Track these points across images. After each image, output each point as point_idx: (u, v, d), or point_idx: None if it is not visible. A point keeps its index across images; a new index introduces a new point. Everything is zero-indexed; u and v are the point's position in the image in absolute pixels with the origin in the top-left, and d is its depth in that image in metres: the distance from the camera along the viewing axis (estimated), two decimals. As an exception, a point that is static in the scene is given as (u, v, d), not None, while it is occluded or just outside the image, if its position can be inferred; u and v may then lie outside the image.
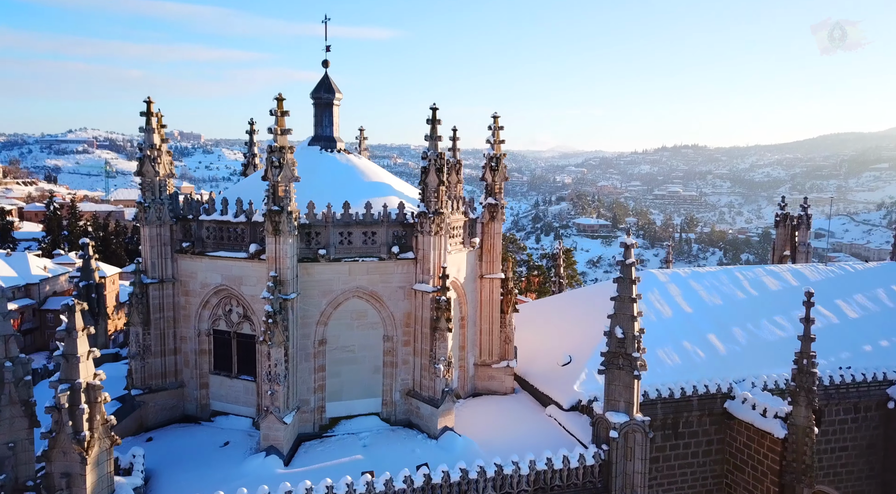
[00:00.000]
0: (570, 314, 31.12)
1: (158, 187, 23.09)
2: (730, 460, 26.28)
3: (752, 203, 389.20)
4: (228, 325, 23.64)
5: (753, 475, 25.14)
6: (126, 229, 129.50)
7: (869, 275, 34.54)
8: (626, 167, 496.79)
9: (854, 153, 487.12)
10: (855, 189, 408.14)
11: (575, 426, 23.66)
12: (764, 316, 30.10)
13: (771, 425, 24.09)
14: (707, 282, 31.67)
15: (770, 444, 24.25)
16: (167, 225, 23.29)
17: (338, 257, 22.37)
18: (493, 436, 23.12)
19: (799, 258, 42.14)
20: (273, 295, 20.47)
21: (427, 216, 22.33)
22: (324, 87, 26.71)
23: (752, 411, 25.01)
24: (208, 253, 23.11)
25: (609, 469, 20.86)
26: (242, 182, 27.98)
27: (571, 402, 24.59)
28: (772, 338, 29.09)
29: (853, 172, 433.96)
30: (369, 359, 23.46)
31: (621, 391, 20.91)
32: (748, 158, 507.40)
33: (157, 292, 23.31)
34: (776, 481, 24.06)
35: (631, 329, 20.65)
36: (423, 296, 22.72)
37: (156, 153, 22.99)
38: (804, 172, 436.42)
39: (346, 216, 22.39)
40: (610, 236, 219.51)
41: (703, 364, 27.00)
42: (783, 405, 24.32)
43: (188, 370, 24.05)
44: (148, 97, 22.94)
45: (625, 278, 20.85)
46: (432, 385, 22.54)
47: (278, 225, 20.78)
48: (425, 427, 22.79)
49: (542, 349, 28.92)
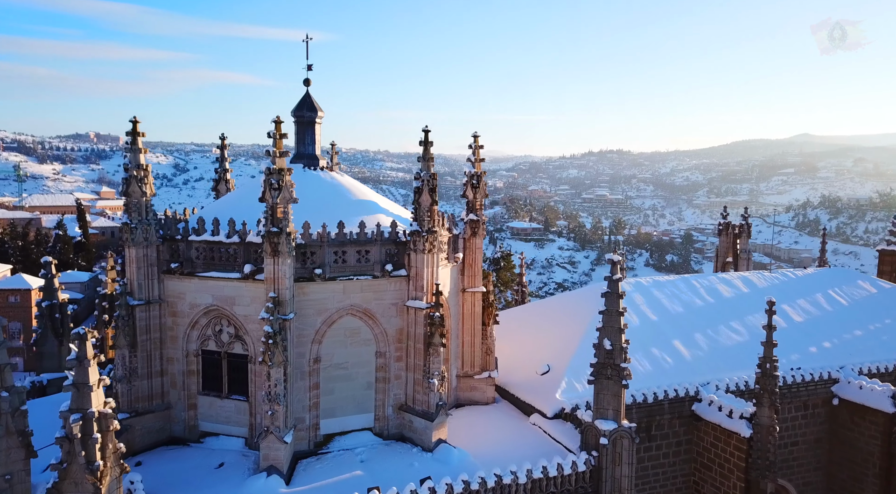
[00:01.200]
0: (543, 324, 32.28)
1: (145, 208, 22.73)
2: (697, 459, 28.02)
3: (674, 206, 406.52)
4: (218, 345, 23.48)
5: (720, 472, 26.93)
6: (48, 237, 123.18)
7: (808, 281, 37.38)
8: (555, 172, 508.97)
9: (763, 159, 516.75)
10: (765, 193, 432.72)
11: (560, 434, 24.72)
12: (721, 322, 32.18)
13: (737, 425, 25.90)
14: (668, 290, 33.56)
15: (736, 443, 26.04)
16: (154, 246, 22.95)
17: (333, 276, 22.65)
18: (484, 446, 23.88)
19: (741, 265, 45.03)
20: (273, 316, 20.59)
21: (421, 235, 22.93)
22: (306, 105, 26.90)
23: (718, 412, 26.79)
24: (198, 274, 22.91)
25: (599, 474, 22.00)
26: (223, 200, 27.71)
27: (555, 410, 25.66)
28: (730, 343, 31.16)
29: (763, 177, 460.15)
30: (362, 375, 23.82)
31: (609, 400, 22.10)
32: (669, 163, 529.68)
33: (143, 313, 22.91)
34: (742, 477, 25.89)
35: (618, 341, 21.87)
36: (416, 312, 23.28)
37: (142, 173, 22.62)
38: (720, 177, 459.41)
39: (341, 236, 22.71)
40: (543, 239, 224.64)
41: (672, 370, 28.69)
42: (747, 406, 26.18)
43: (175, 392, 23.72)
44: (133, 117, 22.62)
45: (612, 292, 22.06)
46: (426, 399, 23.13)
47: (277, 246, 20.91)
48: (419, 441, 23.33)
49: (518, 358, 29.93)
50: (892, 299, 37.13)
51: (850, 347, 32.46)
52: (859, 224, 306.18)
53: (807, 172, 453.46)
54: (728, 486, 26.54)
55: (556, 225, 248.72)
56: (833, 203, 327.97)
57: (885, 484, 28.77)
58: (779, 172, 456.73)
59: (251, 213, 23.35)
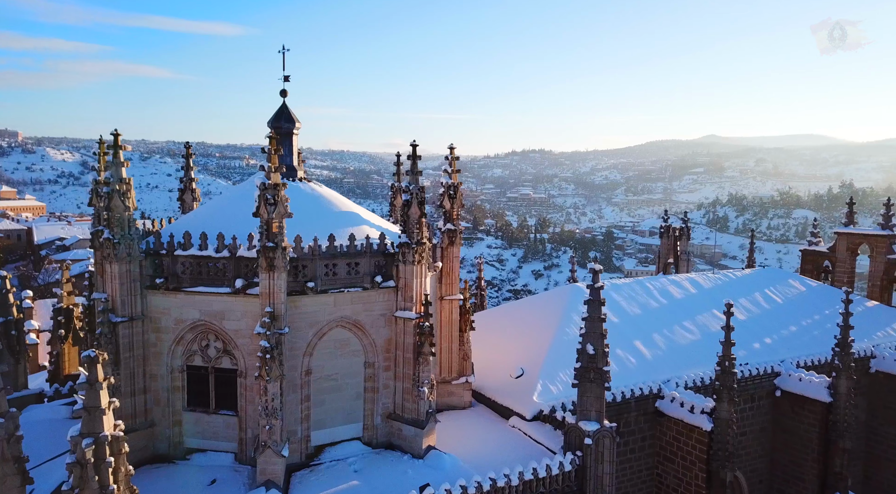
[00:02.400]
0: (510, 328, 33.39)
1: (128, 222, 22.21)
2: (660, 453, 29.83)
3: (594, 204, 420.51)
4: (205, 360, 23.23)
5: (683, 464, 28.80)
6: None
7: (746, 281, 40.21)
8: (480, 171, 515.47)
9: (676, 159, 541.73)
10: (678, 191, 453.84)
11: (540, 435, 25.85)
12: (675, 322, 34.26)
13: (699, 420, 27.79)
14: (624, 293, 35.39)
15: (698, 436, 27.94)
16: (136, 261, 22.46)
17: (324, 289, 22.85)
18: (469, 450, 24.68)
19: (682, 265, 47.73)
20: (271, 331, 20.67)
21: (410, 247, 23.46)
22: (283, 116, 26.87)
23: (680, 408, 28.64)
24: (185, 289, 22.59)
25: (584, 473, 23.24)
26: (198, 213, 27.20)
27: (533, 412, 26.77)
28: (684, 342, 33.25)
29: (676, 176, 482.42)
30: (351, 386, 24.12)
31: (592, 402, 23.38)
32: (589, 163, 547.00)
33: (126, 330, 22.39)
34: (703, 468, 27.80)
35: (600, 346, 23.16)
36: (405, 323, 23.80)
37: (125, 187, 22.11)
38: (636, 176, 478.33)
39: (332, 249, 22.95)
40: (472, 238, 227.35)
41: (635, 369, 30.39)
42: (707, 401, 28.12)
43: (159, 409, 23.28)
44: (115, 130, 22.09)
45: (594, 300, 23.31)
46: (416, 408, 23.71)
47: (273, 261, 20.97)
48: (408, 448, 23.88)
49: (490, 362, 30.89)
50: (819, 296, 40.50)
51: (788, 342, 35.28)
52: (763, 221, 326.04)
53: (715, 172, 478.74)
54: (690, 477, 28.43)
55: (485, 224, 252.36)
56: (739, 201, 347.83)
57: (822, 467, 31.52)
58: (690, 172, 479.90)
59: (230, 226, 23.24)
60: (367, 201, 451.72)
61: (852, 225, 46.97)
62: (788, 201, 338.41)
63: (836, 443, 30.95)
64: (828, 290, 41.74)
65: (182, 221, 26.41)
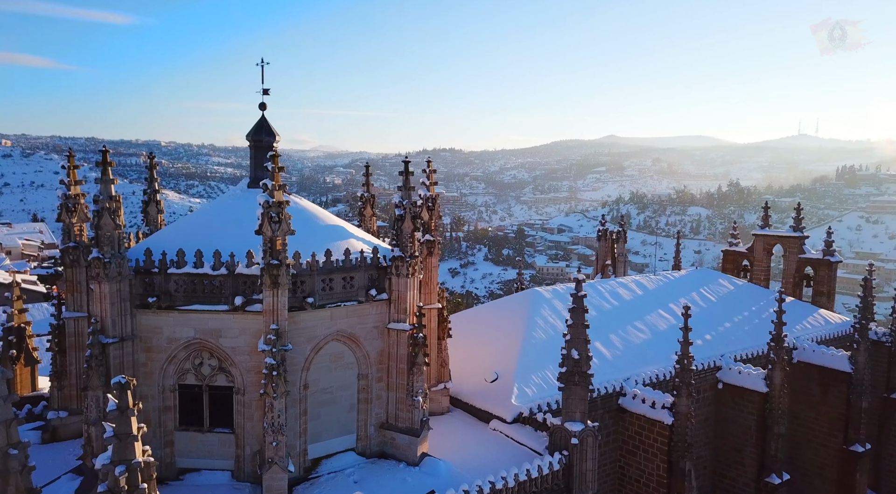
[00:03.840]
0: (477, 333, 34.53)
1: (118, 240, 21.63)
2: (623, 446, 31.87)
3: (504, 202, 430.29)
4: (199, 379, 22.95)
5: (645, 456, 30.95)
6: None
7: (683, 281, 43.31)
8: (392, 169, 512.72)
9: (579, 158, 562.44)
10: (582, 189, 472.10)
11: (522, 437, 27.16)
12: (627, 323, 36.55)
13: (660, 414, 29.98)
14: (580, 296, 37.29)
15: (659, 430, 30.13)
16: (127, 280, 21.91)
17: (322, 304, 23.12)
18: (457, 455, 25.63)
19: (619, 267, 50.58)
20: (276, 348, 20.81)
21: (404, 260, 24.11)
22: (264, 129, 26.77)
23: (642, 404, 30.76)
24: (179, 307, 22.25)
25: (570, 471, 24.72)
26: (175, 228, 26.62)
27: (513, 415, 28.05)
28: (637, 341, 35.58)
29: (580, 175, 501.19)
30: (346, 398, 24.50)
31: (577, 404, 24.90)
32: (498, 162, 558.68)
33: (117, 351, 21.81)
34: (665, 459, 30.03)
35: (584, 351, 24.70)
36: (398, 334, 24.42)
37: (115, 205, 21.53)
38: (543, 175, 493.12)
39: (329, 264, 23.24)
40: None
41: (598, 369, 31.97)
42: (666, 397, 30.37)
43: (150, 430, 22.72)
44: (103, 146, 21.51)
45: (577, 308, 24.83)
46: (410, 417, 24.41)
47: (277, 278, 21.09)
48: (402, 456, 24.54)
49: (463, 367, 31.90)
50: (745, 293, 44.24)
51: (725, 338, 38.41)
52: (661, 217, 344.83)
53: (616, 171, 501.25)
54: (652, 468, 30.60)
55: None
56: (640, 199, 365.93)
57: (760, 452, 34.65)
58: (592, 171, 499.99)
59: (213, 243, 22.98)
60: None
61: (768, 227, 51.28)
62: (684, 199, 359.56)
63: (772, 429, 34.16)
64: (752, 288, 45.62)
65: (158, 237, 25.72)
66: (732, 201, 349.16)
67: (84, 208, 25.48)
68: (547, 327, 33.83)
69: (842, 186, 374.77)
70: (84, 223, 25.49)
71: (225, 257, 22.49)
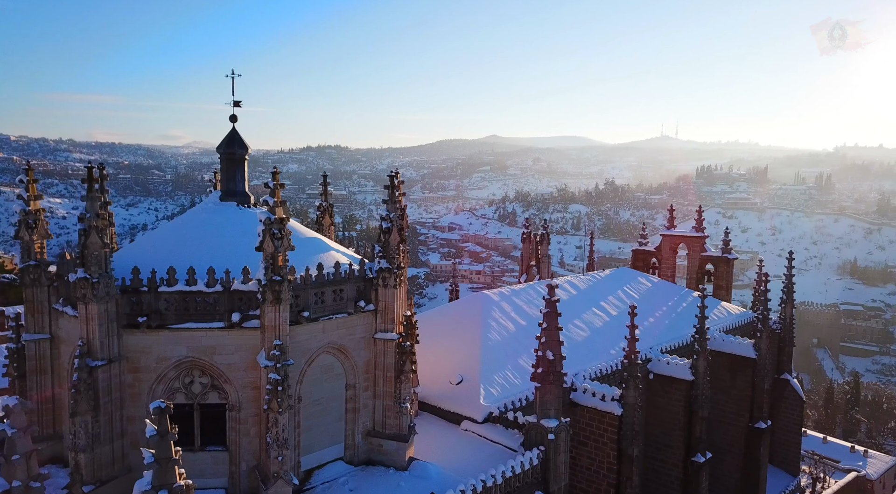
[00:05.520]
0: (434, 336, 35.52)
1: (105, 260, 20.85)
2: (574, 438, 34.08)
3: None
4: (189, 397, 22.51)
5: (595, 446, 33.38)
6: None
7: (609, 280, 46.61)
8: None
9: (464, 157, 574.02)
10: (469, 188, 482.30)
11: (494, 435, 28.64)
12: (568, 321, 38.76)
13: (610, 406, 32.49)
14: (524, 297, 39.44)
15: (609, 421, 32.64)
16: (114, 299, 21.16)
17: (315, 317, 23.39)
18: (439, 456, 26.69)
19: (543, 268, 53.32)
20: (280, 363, 20.97)
21: (391, 271, 24.82)
22: (236, 142, 26.49)
23: (593, 398, 33.14)
24: (170, 326, 21.75)
25: (547, 464, 26.49)
26: (146, 242, 25.80)
27: (484, 415, 29.46)
28: (579, 338, 38.12)
29: (466, 174, 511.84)
30: (335, 408, 24.86)
31: (551, 402, 26.70)
32: (385, 160, 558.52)
33: (105, 374, 21.04)
34: (615, 447, 32.59)
35: (558, 352, 26.53)
36: (385, 343, 25.11)
37: (102, 223, 20.73)
38: (431, 173, 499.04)
39: (320, 277, 23.53)
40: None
41: (550, 367, 34.36)
42: (613, 390, 32.94)
43: (137, 453, 22.01)
44: (89, 163, 20.68)
45: (551, 312, 26.63)
46: (398, 423, 25.20)
47: (279, 294, 21.20)
48: (391, 462, 25.27)
49: (425, 371, 32.88)
50: (661, 289, 48.30)
51: (651, 332, 41.85)
52: (545, 215, 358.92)
53: (500, 170, 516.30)
54: (602, 456, 33.08)
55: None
56: (525, 197, 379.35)
57: (687, 435, 38.25)
58: (478, 170, 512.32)
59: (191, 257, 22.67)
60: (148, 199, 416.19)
61: (673, 228, 55.99)
62: (565, 197, 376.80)
63: (697, 413, 37.84)
64: (666, 284, 49.83)
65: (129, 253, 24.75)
66: (609, 198, 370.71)
67: (45, 224, 24.18)
68: (500, 328, 35.56)
69: (702, 184, 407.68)
70: (45, 240, 24.18)
71: (211, 272, 22.18)
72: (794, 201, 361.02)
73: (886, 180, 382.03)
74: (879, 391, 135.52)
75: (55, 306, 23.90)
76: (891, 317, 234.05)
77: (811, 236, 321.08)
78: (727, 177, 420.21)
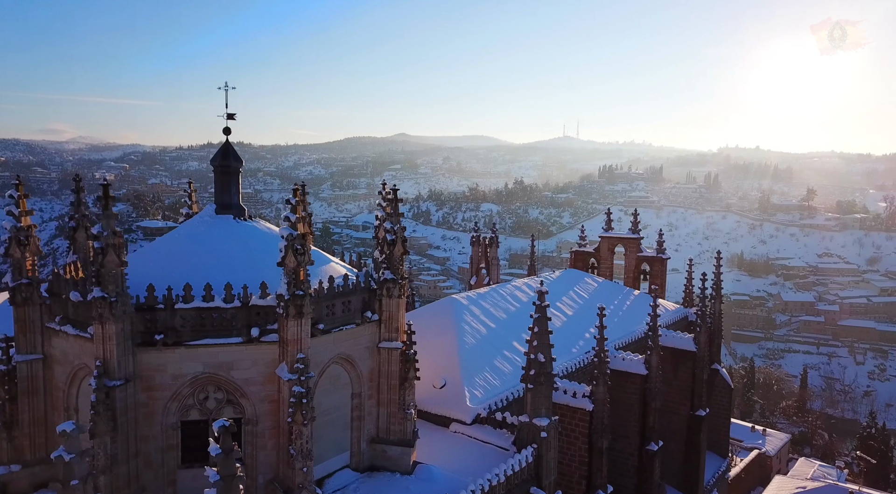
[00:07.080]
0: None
1: (122, 278, 20.41)
2: (547, 433, 35.91)
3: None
4: (203, 414, 22.33)
5: (567, 440, 35.21)
6: None
7: (560, 281, 48.93)
8: (173, 164, 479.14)
9: (374, 155, 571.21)
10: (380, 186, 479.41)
11: (483, 435, 29.85)
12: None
13: (582, 402, 34.45)
14: (490, 300, 40.88)
15: (581, 416, 34.58)
16: (129, 318, 20.75)
17: (327, 329, 23.74)
18: (434, 458, 27.60)
19: (492, 270, 55.06)
20: (304, 376, 21.28)
21: (396, 282, 25.49)
22: (230, 154, 26.42)
23: (564, 395, 34.95)
24: (186, 343, 21.52)
25: (539, 461, 27.98)
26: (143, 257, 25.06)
27: (472, 416, 30.60)
28: (544, 339, 39.87)
29: (376, 172, 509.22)
30: (341, 417, 25.26)
31: (542, 401, 28.20)
32: (291, 157, 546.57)
33: (122, 394, 20.60)
34: (586, 441, 34.60)
35: (548, 355, 28.06)
36: (389, 353, 25.76)
37: (118, 241, 20.28)
38: (340, 171, 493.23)
39: (331, 289, 23.89)
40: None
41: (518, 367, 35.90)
42: (583, 386, 34.95)
43: (150, 472, 21.75)
44: (103, 178, 20.11)
45: (541, 316, 28.09)
46: (402, 429, 25.94)
47: (302, 308, 21.48)
48: (395, 467, 25.98)
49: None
50: (608, 289, 51.14)
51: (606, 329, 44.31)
52: (458, 213, 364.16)
53: (410, 169, 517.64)
54: (574, 450, 34.99)
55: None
56: (438, 196, 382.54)
57: (642, 425, 40.97)
58: (388, 168, 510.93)
59: (198, 272, 22.59)
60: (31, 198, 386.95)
61: (611, 230, 59.18)
62: (476, 196, 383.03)
63: (650, 405, 40.64)
64: (610, 284, 52.79)
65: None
66: (518, 197, 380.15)
67: (36, 241, 23.23)
68: (473, 332, 36.81)
69: (604, 183, 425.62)
70: (36, 257, 23.23)
71: (228, 288, 22.16)
72: (686, 199, 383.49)
73: (765, 179, 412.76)
74: (770, 374, 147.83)
75: (48, 324, 23.04)
76: (773, 305, 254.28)
77: (703, 231, 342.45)
78: (627, 176, 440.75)
